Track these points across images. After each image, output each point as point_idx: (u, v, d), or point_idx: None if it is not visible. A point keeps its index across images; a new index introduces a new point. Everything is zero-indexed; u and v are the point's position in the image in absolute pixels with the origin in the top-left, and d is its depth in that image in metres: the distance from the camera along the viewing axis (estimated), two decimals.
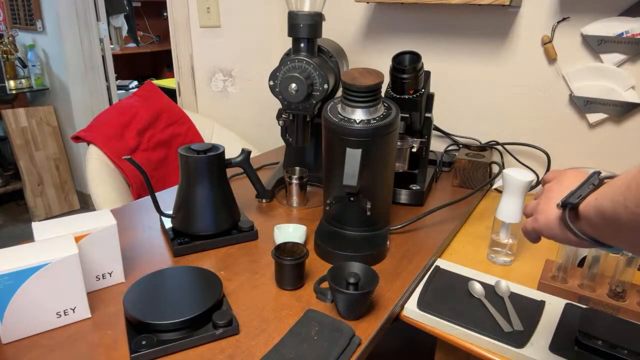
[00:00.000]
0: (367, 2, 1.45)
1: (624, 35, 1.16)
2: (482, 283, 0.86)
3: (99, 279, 0.80)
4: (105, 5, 2.89)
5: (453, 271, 0.91)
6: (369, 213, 0.92)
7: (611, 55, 1.19)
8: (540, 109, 1.34)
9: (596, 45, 1.20)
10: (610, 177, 0.48)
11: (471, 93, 1.45)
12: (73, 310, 0.72)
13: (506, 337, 0.72)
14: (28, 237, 0.79)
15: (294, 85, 0.99)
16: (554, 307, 0.81)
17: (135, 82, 4.06)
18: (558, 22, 1.25)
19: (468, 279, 0.88)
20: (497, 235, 0.97)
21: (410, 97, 1.09)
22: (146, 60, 4.36)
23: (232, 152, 1.03)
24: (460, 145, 1.46)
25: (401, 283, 0.86)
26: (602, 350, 0.68)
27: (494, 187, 1.35)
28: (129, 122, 1.58)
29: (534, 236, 0.58)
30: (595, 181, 0.48)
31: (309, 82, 1.00)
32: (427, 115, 1.19)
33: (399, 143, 1.13)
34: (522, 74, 1.35)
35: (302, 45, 1.04)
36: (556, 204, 0.51)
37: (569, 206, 0.48)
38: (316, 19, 1.03)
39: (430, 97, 1.19)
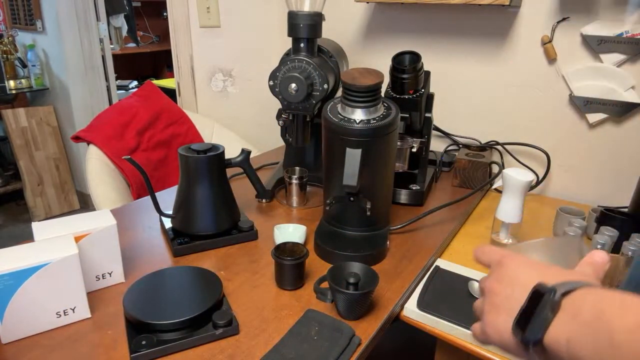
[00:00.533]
0: (367, 2, 1.45)
1: (624, 35, 1.16)
2: None
3: (99, 279, 0.80)
4: (105, 5, 2.89)
5: (453, 271, 0.91)
6: (369, 213, 0.92)
7: (611, 55, 1.19)
8: (540, 109, 1.34)
9: (596, 45, 1.20)
10: (567, 292, 0.39)
11: (471, 93, 1.45)
12: (73, 310, 0.72)
13: None
14: (28, 237, 0.79)
15: (293, 85, 0.99)
16: None
17: (135, 82, 4.06)
18: (558, 22, 1.25)
19: (468, 279, 0.88)
20: (497, 235, 0.97)
21: (410, 97, 1.09)
22: (146, 60, 4.36)
23: (232, 152, 1.03)
24: (460, 145, 1.46)
25: (401, 283, 0.86)
26: None
27: (493, 187, 1.35)
28: (128, 122, 1.58)
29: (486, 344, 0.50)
30: (554, 305, 0.38)
31: (309, 82, 1.00)
32: (427, 115, 1.19)
33: (399, 143, 1.13)
34: (522, 74, 1.35)
35: (302, 45, 1.04)
36: (511, 328, 0.42)
37: (532, 343, 0.39)
38: (316, 19, 1.03)
39: (430, 97, 1.19)
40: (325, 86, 1.01)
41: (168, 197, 1.21)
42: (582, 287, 0.39)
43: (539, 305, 0.39)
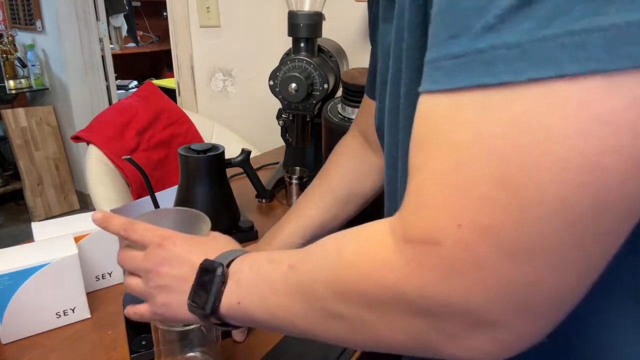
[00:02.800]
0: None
1: None
2: None
3: (99, 279, 0.80)
4: (105, 5, 2.89)
5: None
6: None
7: None
8: None
9: None
10: (229, 263, 0.43)
11: None
12: (73, 310, 0.72)
13: None
14: (28, 237, 0.79)
15: (293, 85, 0.99)
16: None
17: (135, 82, 4.06)
18: None
19: None
20: None
21: None
22: (146, 60, 4.36)
23: (232, 152, 1.03)
24: None
25: None
26: None
27: None
28: (128, 122, 1.58)
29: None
30: (223, 277, 0.42)
31: (309, 82, 1.00)
32: None
33: None
34: None
35: (302, 45, 1.04)
36: (186, 306, 0.43)
37: (210, 312, 0.42)
38: (316, 19, 1.03)
39: None
40: (325, 86, 1.01)
41: (168, 197, 1.21)
42: (238, 254, 0.44)
43: (211, 281, 0.42)
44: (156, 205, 0.94)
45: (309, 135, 1.13)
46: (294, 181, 1.16)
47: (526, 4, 0.23)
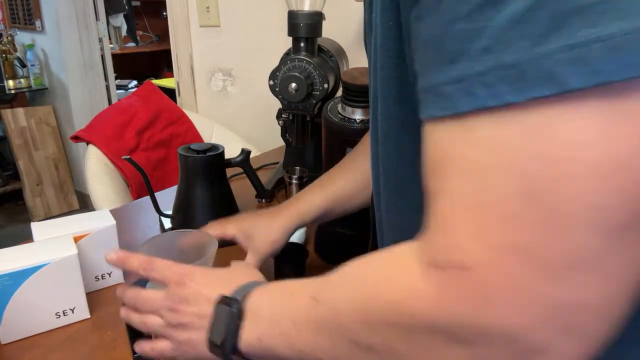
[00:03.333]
0: None
1: None
2: None
3: (98, 279, 0.80)
4: (105, 5, 2.89)
5: None
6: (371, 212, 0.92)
7: None
8: None
9: None
10: (245, 296, 0.42)
11: None
12: (72, 310, 0.72)
13: None
14: (27, 237, 0.79)
15: (293, 84, 0.99)
16: None
17: (135, 82, 4.06)
18: None
19: None
20: None
21: None
22: (146, 60, 4.36)
23: (232, 152, 1.03)
24: None
25: None
26: None
27: None
28: (128, 122, 1.58)
29: None
30: (239, 313, 0.41)
31: (309, 81, 1.00)
32: None
33: None
34: None
35: (302, 44, 1.04)
36: (206, 346, 0.43)
37: (229, 350, 0.41)
38: (316, 19, 1.03)
39: None
40: (325, 86, 1.01)
41: (168, 197, 1.21)
42: (255, 287, 0.43)
43: (227, 318, 0.41)
44: (156, 205, 0.94)
45: (309, 135, 1.13)
46: (294, 181, 1.15)
47: (519, 22, 0.23)
